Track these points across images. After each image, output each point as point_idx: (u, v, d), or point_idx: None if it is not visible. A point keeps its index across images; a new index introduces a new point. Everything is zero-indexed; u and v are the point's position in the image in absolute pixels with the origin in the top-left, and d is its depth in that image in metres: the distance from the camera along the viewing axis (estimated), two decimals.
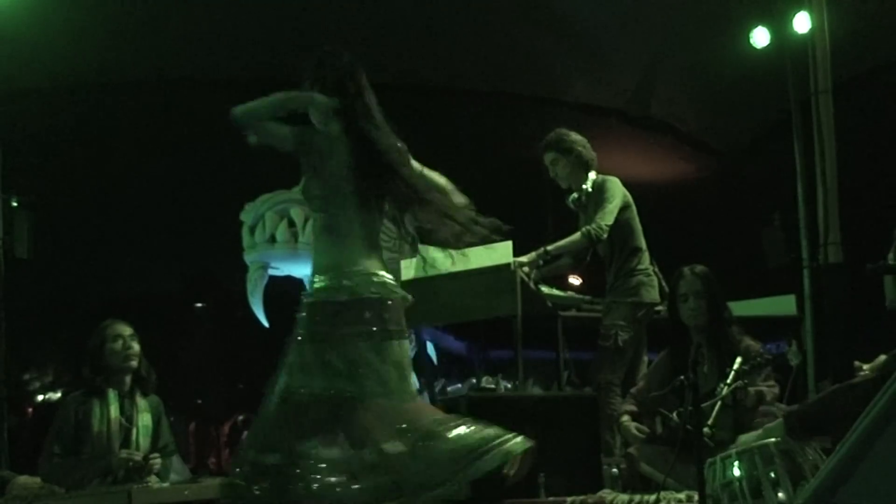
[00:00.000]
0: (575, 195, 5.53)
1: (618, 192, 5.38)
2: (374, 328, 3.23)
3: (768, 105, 9.22)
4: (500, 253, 5.09)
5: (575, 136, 5.52)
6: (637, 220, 5.46)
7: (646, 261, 5.42)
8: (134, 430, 4.56)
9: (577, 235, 5.33)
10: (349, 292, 3.24)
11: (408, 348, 3.37)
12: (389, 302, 3.30)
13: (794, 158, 7.91)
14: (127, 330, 4.67)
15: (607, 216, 5.29)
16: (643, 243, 5.45)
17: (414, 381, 3.37)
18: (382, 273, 3.33)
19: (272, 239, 4.97)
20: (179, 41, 8.48)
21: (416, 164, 3.47)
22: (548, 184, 5.68)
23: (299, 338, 3.26)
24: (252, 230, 5.15)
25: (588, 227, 5.28)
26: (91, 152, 9.34)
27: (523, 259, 5.20)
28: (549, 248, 5.33)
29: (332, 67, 3.43)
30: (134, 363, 4.64)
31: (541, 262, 5.31)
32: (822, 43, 7.37)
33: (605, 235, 5.28)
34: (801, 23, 7.55)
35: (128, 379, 4.65)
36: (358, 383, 3.17)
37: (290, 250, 4.92)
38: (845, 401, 3.21)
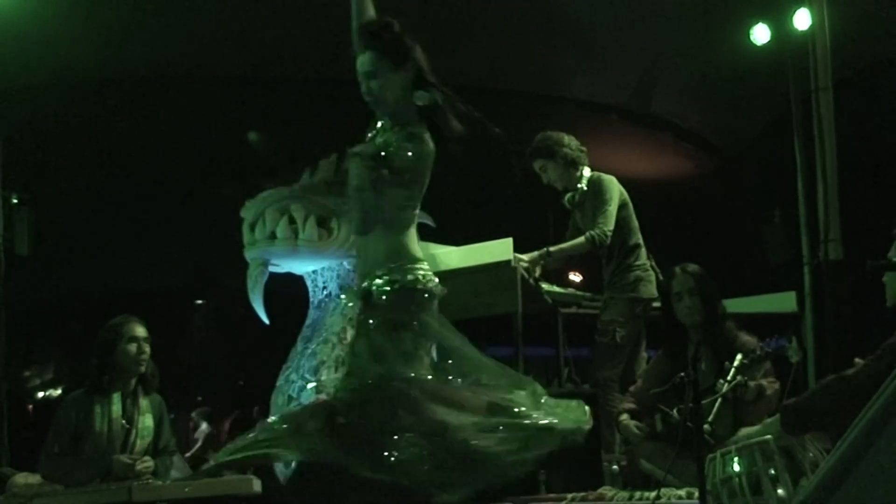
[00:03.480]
0: (570, 194, 5.53)
1: (615, 193, 5.37)
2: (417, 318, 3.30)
3: (769, 102, 9.21)
4: (500, 250, 5.09)
5: (556, 137, 5.49)
6: (634, 216, 5.46)
7: (643, 256, 5.43)
8: (133, 432, 4.54)
9: (581, 239, 5.33)
10: (420, 282, 3.31)
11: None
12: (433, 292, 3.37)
13: (795, 155, 7.91)
14: (142, 331, 4.63)
15: (609, 221, 5.29)
16: (640, 239, 5.46)
17: None
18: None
19: (272, 236, 4.95)
20: (180, 39, 8.48)
21: None
22: (541, 177, 5.68)
23: (380, 327, 3.26)
24: (252, 227, 5.13)
25: (592, 232, 5.28)
26: (91, 149, 9.34)
27: (524, 257, 5.21)
28: (552, 248, 5.35)
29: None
30: (143, 368, 4.62)
31: (542, 261, 5.32)
32: (822, 39, 7.36)
33: (609, 241, 5.29)
34: (802, 19, 7.54)
35: (132, 380, 4.63)
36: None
37: (290, 247, 4.90)
38: (840, 392, 3.20)
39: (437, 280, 3.38)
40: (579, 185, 5.47)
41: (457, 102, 3.38)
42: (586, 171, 5.49)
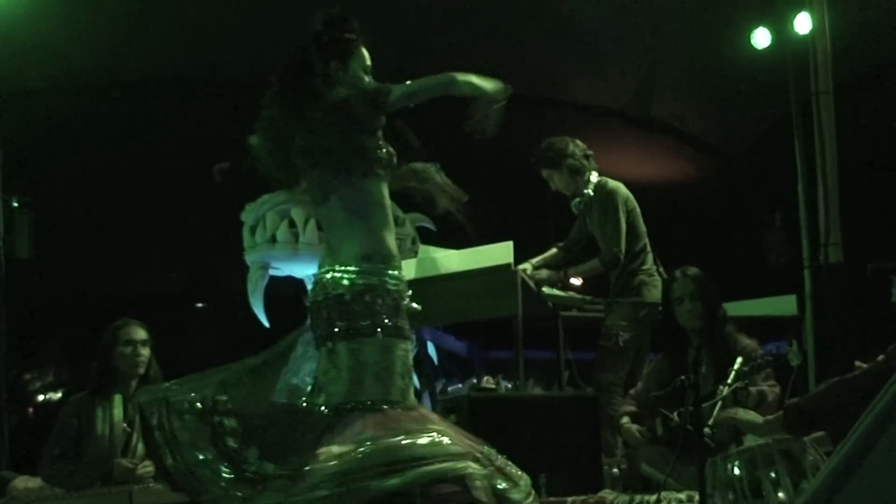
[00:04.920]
0: (577, 200, 5.54)
1: (620, 203, 5.37)
2: (389, 323, 3.12)
3: (769, 105, 9.22)
4: (500, 253, 5.10)
5: (561, 146, 5.49)
6: (640, 221, 5.46)
7: (649, 261, 5.43)
8: (134, 436, 4.53)
9: (595, 262, 5.42)
10: (378, 281, 3.13)
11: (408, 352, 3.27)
12: (403, 296, 3.21)
13: (795, 159, 7.91)
14: (140, 334, 4.61)
15: (619, 239, 5.32)
16: (647, 244, 5.46)
17: (414, 381, 3.31)
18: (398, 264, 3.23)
19: (273, 239, 4.97)
20: (180, 41, 8.48)
21: None
22: (549, 184, 5.69)
23: (331, 336, 3.12)
24: (253, 230, 5.14)
25: (604, 256, 5.35)
26: (92, 152, 9.34)
27: (543, 276, 5.31)
28: (569, 271, 5.48)
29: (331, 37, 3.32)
30: (142, 370, 4.59)
31: (558, 283, 5.43)
32: (822, 43, 7.37)
33: (622, 260, 5.33)
34: (802, 23, 7.55)
35: (134, 383, 4.62)
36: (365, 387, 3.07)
37: (291, 251, 4.92)
38: (843, 394, 3.20)
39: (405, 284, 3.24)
40: (586, 191, 5.48)
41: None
42: (594, 177, 5.49)
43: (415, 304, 3.27)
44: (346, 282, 3.11)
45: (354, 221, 3.17)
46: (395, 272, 3.20)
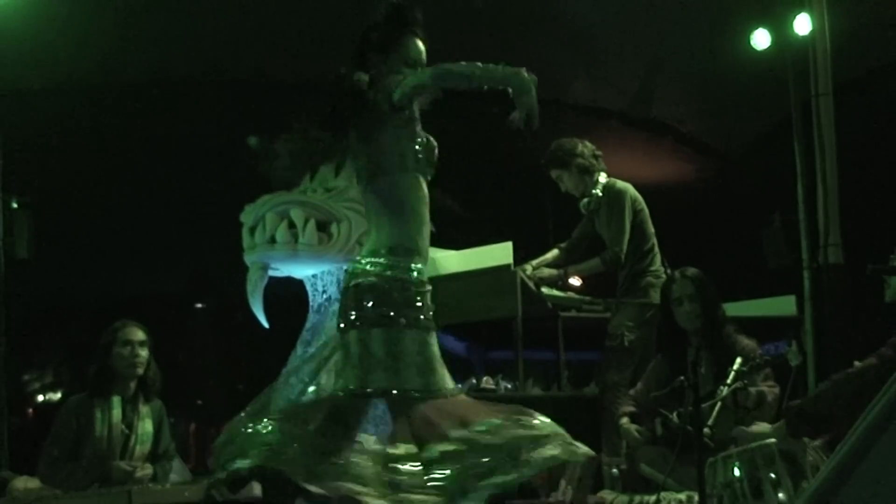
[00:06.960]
0: (586, 200, 5.54)
1: (627, 204, 5.38)
2: (397, 314, 3.21)
3: (769, 107, 9.22)
4: (500, 254, 5.10)
5: (570, 146, 5.50)
6: (648, 222, 5.46)
7: (657, 262, 5.43)
8: (133, 437, 4.53)
9: (596, 261, 5.41)
10: (400, 272, 3.22)
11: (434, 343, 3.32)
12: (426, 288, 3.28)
13: (795, 160, 7.91)
14: (139, 335, 4.61)
15: (622, 240, 5.33)
16: (655, 245, 5.46)
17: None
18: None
19: (272, 240, 4.94)
20: (179, 41, 8.48)
21: None
22: (548, 184, 5.69)
23: (346, 325, 3.22)
24: (252, 231, 5.11)
25: (606, 255, 5.35)
26: (91, 153, 9.34)
27: (543, 275, 5.33)
28: (570, 269, 5.48)
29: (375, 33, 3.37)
30: (140, 371, 4.59)
31: (559, 282, 5.41)
32: (822, 45, 7.38)
33: (623, 261, 5.33)
34: (802, 25, 7.55)
35: (132, 384, 4.61)
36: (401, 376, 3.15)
37: (290, 251, 4.89)
38: (844, 394, 3.20)
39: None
40: (594, 192, 5.48)
41: None
42: (602, 178, 5.49)
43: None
44: (368, 269, 3.22)
45: (383, 214, 3.27)
46: (416, 266, 3.25)
